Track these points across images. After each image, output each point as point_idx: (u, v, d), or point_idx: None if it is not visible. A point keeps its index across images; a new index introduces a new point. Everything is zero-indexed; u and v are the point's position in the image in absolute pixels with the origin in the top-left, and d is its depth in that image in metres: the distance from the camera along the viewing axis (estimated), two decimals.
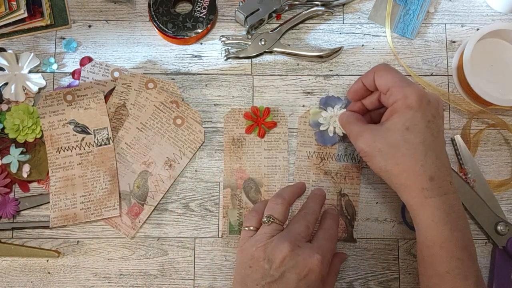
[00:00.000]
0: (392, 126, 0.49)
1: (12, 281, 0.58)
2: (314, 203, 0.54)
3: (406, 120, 0.48)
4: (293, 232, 0.49)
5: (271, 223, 0.50)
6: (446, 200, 0.48)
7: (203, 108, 0.61)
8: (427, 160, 0.47)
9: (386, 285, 0.59)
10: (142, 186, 0.59)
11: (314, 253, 0.48)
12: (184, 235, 0.59)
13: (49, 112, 0.59)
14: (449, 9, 0.65)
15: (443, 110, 0.51)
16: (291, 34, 0.63)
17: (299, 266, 0.47)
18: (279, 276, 0.47)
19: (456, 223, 0.47)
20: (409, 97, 0.48)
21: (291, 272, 0.47)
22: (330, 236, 0.52)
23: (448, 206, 0.48)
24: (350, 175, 0.60)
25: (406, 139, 0.48)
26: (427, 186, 0.47)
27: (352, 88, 0.56)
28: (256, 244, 0.49)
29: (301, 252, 0.48)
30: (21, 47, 0.62)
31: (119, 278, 0.58)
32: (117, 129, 0.60)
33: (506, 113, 0.62)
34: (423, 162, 0.47)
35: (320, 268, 0.48)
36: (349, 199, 0.60)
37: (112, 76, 0.61)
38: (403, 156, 0.48)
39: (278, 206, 0.51)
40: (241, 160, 0.60)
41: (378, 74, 0.52)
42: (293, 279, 0.47)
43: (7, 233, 0.59)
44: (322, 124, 0.60)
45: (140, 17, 0.63)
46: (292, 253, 0.47)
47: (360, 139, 0.51)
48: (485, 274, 0.59)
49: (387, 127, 0.49)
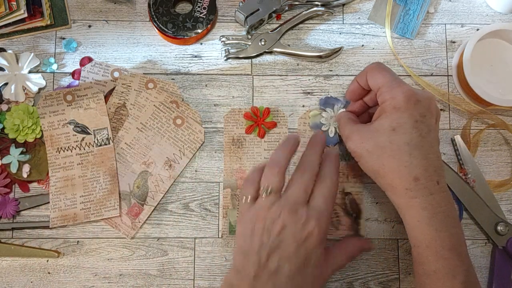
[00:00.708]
0: (380, 127, 0.49)
1: (12, 281, 0.58)
2: (312, 156, 0.52)
3: (393, 121, 0.49)
4: (290, 199, 0.49)
5: (269, 194, 0.50)
6: (431, 200, 0.48)
7: (203, 108, 0.61)
8: (412, 161, 0.48)
9: (386, 285, 0.59)
10: (142, 186, 0.59)
11: (310, 219, 0.48)
12: (184, 235, 0.59)
13: (49, 112, 0.59)
14: (449, 9, 0.65)
15: (436, 108, 0.51)
16: (291, 34, 0.63)
17: (297, 233, 0.47)
18: (277, 245, 0.47)
19: (443, 223, 0.48)
20: (396, 97, 0.49)
21: (290, 240, 0.47)
22: (328, 191, 0.50)
23: (434, 206, 0.48)
24: (352, 174, 0.60)
25: (392, 140, 0.48)
26: (411, 186, 0.48)
27: (349, 89, 0.57)
28: (254, 217, 0.49)
29: (297, 219, 0.48)
30: (21, 47, 0.62)
31: (119, 278, 0.58)
32: (117, 129, 0.60)
33: (506, 113, 0.62)
34: (407, 163, 0.48)
35: (318, 231, 0.48)
36: (353, 198, 0.60)
37: (112, 76, 0.61)
38: (388, 157, 0.48)
39: (275, 177, 0.50)
40: (241, 160, 0.60)
41: (370, 74, 0.52)
42: (292, 246, 0.47)
43: (7, 233, 0.59)
44: (324, 125, 0.60)
45: (140, 17, 0.63)
46: (289, 221, 0.47)
47: (350, 140, 0.52)
48: (485, 274, 0.59)
49: (375, 128, 0.50)
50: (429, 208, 0.48)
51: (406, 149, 0.48)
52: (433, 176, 0.48)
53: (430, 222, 0.48)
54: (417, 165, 0.48)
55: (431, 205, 0.48)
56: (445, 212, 0.48)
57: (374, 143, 0.49)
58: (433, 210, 0.48)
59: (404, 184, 0.48)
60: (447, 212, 0.48)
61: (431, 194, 0.48)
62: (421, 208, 0.48)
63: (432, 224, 0.48)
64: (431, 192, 0.48)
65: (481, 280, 0.59)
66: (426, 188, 0.48)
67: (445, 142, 0.62)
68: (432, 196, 0.48)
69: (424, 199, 0.48)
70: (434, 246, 0.48)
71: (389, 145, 0.48)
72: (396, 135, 0.48)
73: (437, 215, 0.48)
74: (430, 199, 0.48)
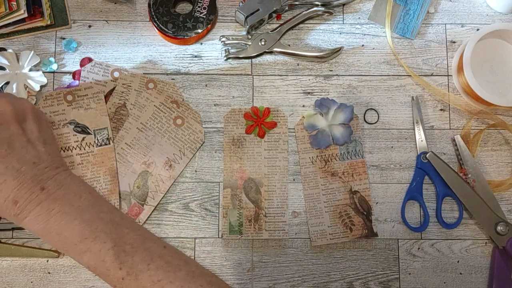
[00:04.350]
0: None
1: (12, 281, 0.58)
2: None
3: None
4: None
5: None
6: (39, 213, 0.46)
7: (203, 108, 0.61)
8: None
9: (386, 285, 0.59)
10: (142, 186, 0.59)
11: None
12: (184, 235, 0.59)
13: (50, 112, 0.59)
14: (449, 9, 0.65)
15: (24, 114, 0.50)
16: (291, 34, 0.63)
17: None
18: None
19: (62, 221, 0.46)
20: None
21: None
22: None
23: (44, 220, 0.45)
24: (357, 172, 0.60)
25: None
26: (15, 212, 0.46)
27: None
28: None
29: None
30: (21, 47, 0.62)
31: None
32: (117, 129, 0.60)
33: (506, 113, 0.62)
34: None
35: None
36: (361, 195, 0.60)
37: (112, 76, 0.61)
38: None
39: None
40: (241, 160, 0.60)
41: None
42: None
43: (7, 233, 0.59)
44: (316, 127, 0.60)
45: (140, 17, 0.63)
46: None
47: None
48: (485, 274, 0.59)
49: None
50: (41, 221, 0.46)
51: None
52: (32, 194, 0.46)
53: (50, 231, 0.46)
54: (10, 188, 0.45)
55: (42, 220, 0.46)
56: (60, 208, 0.46)
57: None
58: (46, 221, 0.46)
59: (5, 213, 0.46)
60: (61, 207, 0.46)
61: (37, 210, 0.46)
62: (36, 224, 0.46)
63: (54, 235, 0.46)
64: (36, 209, 0.46)
65: (481, 280, 0.59)
66: (28, 206, 0.46)
67: (445, 142, 0.62)
68: (39, 208, 0.46)
69: (31, 218, 0.46)
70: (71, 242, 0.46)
71: None
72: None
73: (51, 224, 0.46)
74: (36, 214, 0.46)
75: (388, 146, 0.61)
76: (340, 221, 0.59)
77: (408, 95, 0.62)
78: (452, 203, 0.60)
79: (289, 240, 0.59)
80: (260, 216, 0.59)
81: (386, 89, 0.62)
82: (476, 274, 0.59)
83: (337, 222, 0.59)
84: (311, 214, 0.59)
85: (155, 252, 0.46)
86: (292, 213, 0.60)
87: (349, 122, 0.60)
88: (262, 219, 0.59)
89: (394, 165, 0.61)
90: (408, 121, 0.62)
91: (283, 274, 0.59)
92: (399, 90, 0.62)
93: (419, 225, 0.60)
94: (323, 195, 0.60)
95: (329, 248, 0.59)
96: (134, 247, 0.46)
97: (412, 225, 0.60)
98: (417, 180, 0.60)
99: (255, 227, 0.59)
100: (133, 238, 0.46)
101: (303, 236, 0.59)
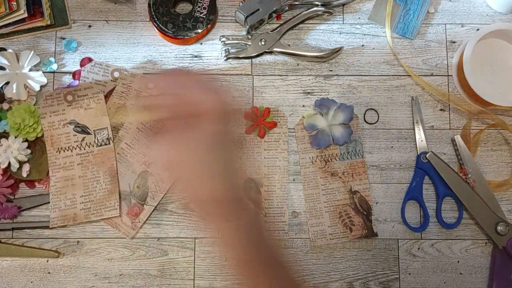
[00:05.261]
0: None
1: (12, 281, 0.58)
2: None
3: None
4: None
5: None
6: None
7: None
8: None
9: (386, 285, 0.59)
10: (142, 186, 0.59)
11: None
12: (184, 235, 0.59)
13: (50, 112, 0.59)
14: (449, 9, 0.65)
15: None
16: (291, 34, 0.63)
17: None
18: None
19: None
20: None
21: None
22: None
23: None
24: (356, 172, 0.60)
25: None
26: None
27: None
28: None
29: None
30: (21, 47, 0.62)
31: (119, 278, 0.58)
32: (117, 129, 0.60)
33: (506, 113, 0.62)
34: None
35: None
36: (361, 195, 0.60)
37: (112, 76, 0.61)
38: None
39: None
40: (241, 160, 0.60)
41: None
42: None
43: (7, 233, 0.59)
44: (316, 127, 0.60)
45: (140, 17, 0.63)
46: None
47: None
48: (485, 274, 0.59)
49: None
50: None
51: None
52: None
53: None
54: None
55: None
56: None
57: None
58: None
59: None
60: None
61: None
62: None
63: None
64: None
65: (481, 280, 0.59)
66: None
67: (445, 142, 0.62)
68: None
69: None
70: None
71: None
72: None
73: None
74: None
75: (388, 146, 0.61)
76: (340, 221, 0.59)
77: (408, 95, 0.62)
78: (452, 203, 0.60)
79: (289, 240, 0.59)
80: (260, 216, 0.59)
81: (386, 89, 0.62)
82: (476, 274, 0.59)
83: (337, 222, 0.59)
84: (311, 214, 0.59)
85: None
86: (292, 213, 0.60)
87: (349, 122, 0.60)
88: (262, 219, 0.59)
89: (394, 165, 0.61)
90: (408, 121, 0.62)
91: None
92: (399, 90, 0.62)
93: (419, 225, 0.60)
94: (323, 195, 0.60)
95: (329, 248, 0.59)
96: None
97: (412, 225, 0.59)
98: (417, 180, 0.60)
99: None
100: None
101: (303, 236, 0.59)
